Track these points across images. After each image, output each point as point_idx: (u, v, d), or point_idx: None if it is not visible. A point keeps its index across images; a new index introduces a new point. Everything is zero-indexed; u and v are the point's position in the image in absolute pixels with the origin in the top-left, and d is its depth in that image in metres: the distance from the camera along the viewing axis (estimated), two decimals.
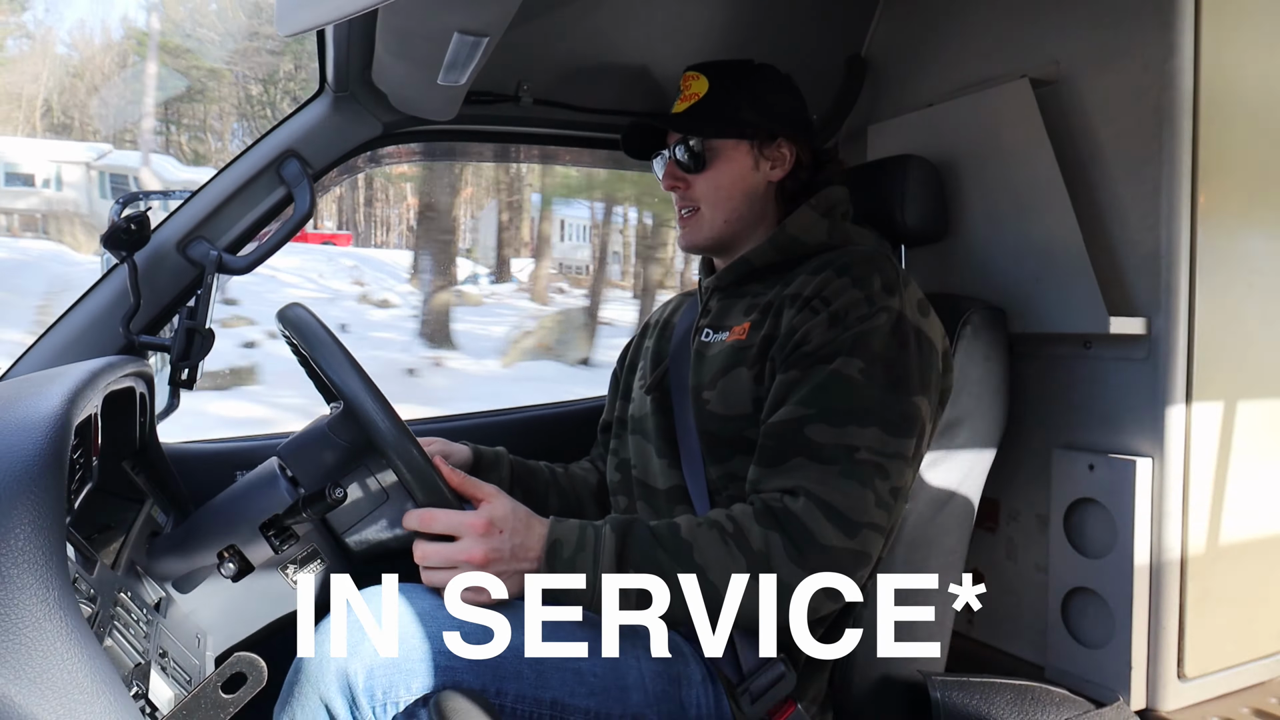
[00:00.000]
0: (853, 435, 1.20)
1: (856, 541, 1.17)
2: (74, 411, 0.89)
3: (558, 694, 1.14)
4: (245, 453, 1.80)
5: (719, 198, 1.48)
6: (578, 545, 1.16)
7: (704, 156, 1.47)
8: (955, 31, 1.83)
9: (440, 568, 1.14)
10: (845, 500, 1.17)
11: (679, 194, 1.51)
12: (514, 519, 1.17)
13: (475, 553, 1.12)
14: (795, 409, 1.24)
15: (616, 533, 1.18)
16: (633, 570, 1.15)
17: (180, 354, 1.52)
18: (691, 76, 1.50)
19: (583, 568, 1.14)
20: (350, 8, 0.91)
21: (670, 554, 1.16)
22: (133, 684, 0.89)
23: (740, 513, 1.20)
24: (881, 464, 1.20)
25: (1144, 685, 1.43)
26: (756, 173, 1.49)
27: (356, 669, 1.06)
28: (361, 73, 1.61)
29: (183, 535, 1.23)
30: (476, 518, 1.14)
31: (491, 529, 1.14)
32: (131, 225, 1.43)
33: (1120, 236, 1.48)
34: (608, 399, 1.78)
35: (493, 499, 1.18)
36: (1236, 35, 1.45)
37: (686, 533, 1.18)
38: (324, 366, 1.14)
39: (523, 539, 1.16)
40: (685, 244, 1.54)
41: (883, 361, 1.24)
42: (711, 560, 1.16)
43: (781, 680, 1.27)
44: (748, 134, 1.47)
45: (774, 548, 1.16)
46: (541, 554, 1.16)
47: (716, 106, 1.47)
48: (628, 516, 1.23)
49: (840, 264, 1.33)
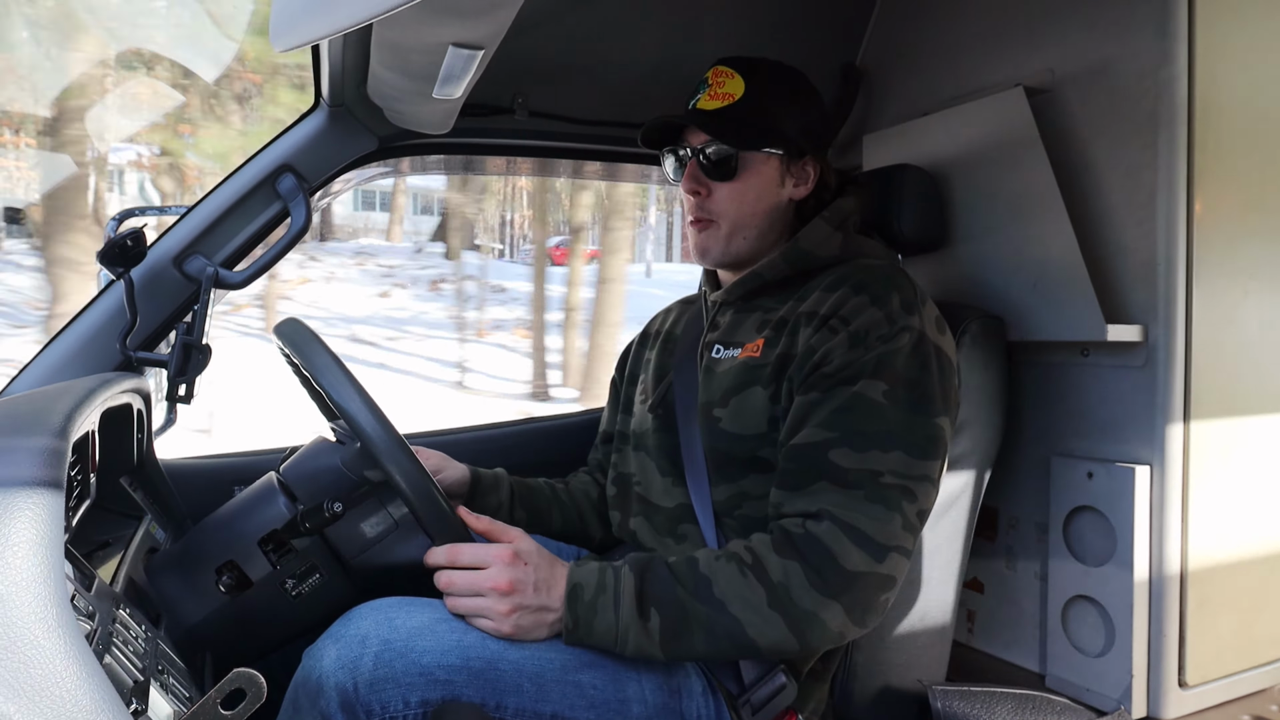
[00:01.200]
0: (876, 460, 1.19)
1: (884, 566, 1.16)
2: (71, 428, 0.89)
3: (558, 708, 1.13)
4: (243, 468, 1.80)
5: (741, 213, 1.42)
6: (598, 588, 1.16)
7: (734, 165, 1.40)
8: (950, 40, 1.83)
9: (465, 595, 1.14)
10: (871, 525, 1.16)
11: (696, 200, 1.42)
12: (539, 556, 1.18)
13: (501, 580, 1.12)
14: (817, 431, 1.23)
15: (635, 572, 1.17)
16: (654, 608, 1.15)
17: (177, 370, 1.52)
18: (725, 73, 1.41)
19: (605, 610, 1.15)
20: (345, 22, 0.91)
21: (690, 591, 1.16)
22: (131, 701, 0.89)
23: (759, 543, 1.20)
24: (908, 487, 1.19)
25: (1144, 693, 1.43)
26: (781, 189, 1.43)
27: (355, 683, 1.05)
28: (357, 87, 1.61)
29: (181, 551, 1.23)
30: (503, 549, 1.15)
31: (517, 560, 1.15)
32: (128, 241, 1.42)
33: (1117, 244, 1.48)
34: (607, 408, 1.77)
35: (516, 537, 1.20)
36: (1231, 43, 1.45)
37: (705, 567, 1.18)
38: (329, 391, 1.13)
39: (547, 576, 1.16)
40: (700, 256, 1.46)
41: (905, 383, 1.23)
42: (732, 595, 1.15)
43: (782, 692, 1.26)
44: (783, 149, 1.41)
45: (793, 578, 1.15)
46: (563, 596, 1.16)
47: (754, 113, 1.39)
48: (646, 555, 1.22)
49: (856, 281, 1.31)
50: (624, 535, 1.54)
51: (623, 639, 1.14)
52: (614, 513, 1.58)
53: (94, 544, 1.23)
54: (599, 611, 1.14)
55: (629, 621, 1.14)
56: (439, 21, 1.11)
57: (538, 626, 1.15)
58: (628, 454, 1.57)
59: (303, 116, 1.71)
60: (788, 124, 1.42)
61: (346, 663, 1.06)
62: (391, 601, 1.15)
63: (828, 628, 1.15)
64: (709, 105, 1.41)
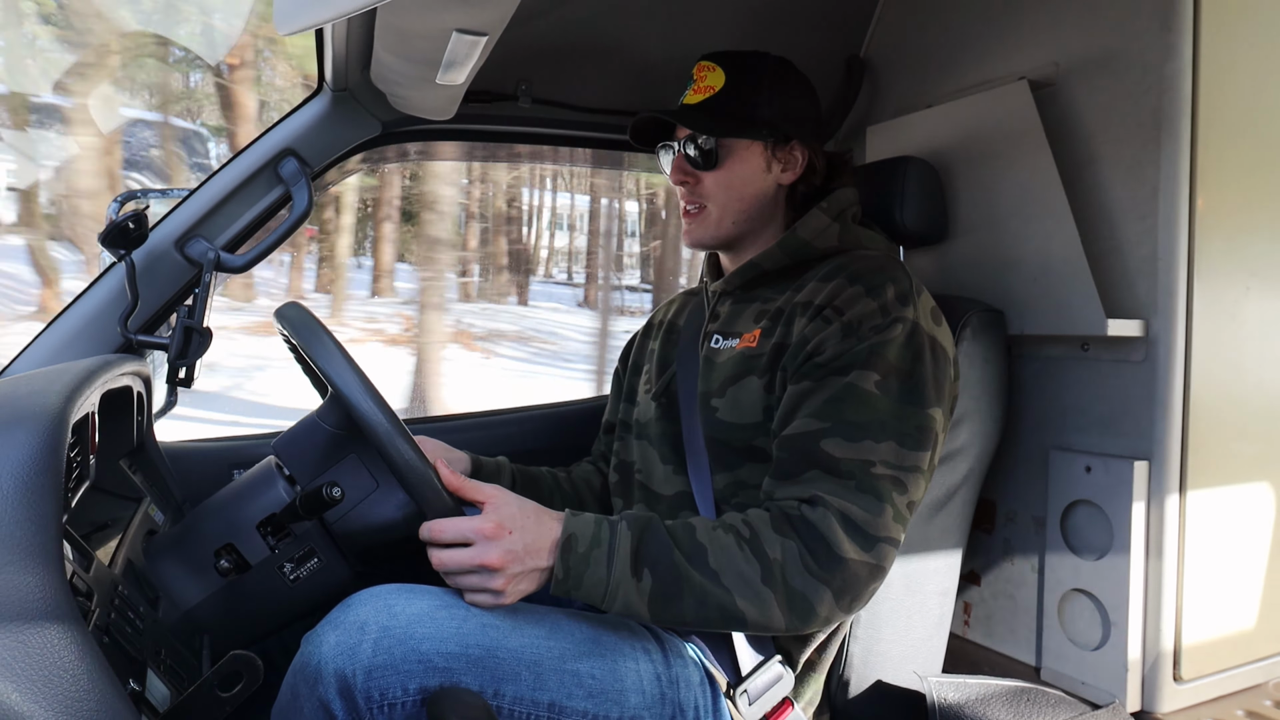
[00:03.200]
0: (868, 450, 1.19)
1: (873, 555, 1.16)
2: (71, 410, 0.89)
3: (555, 696, 1.14)
4: (242, 451, 1.80)
5: (728, 197, 1.45)
6: (593, 540, 1.15)
7: (715, 154, 1.44)
8: (954, 33, 1.83)
9: (461, 573, 1.13)
10: (863, 514, 1.16)
11: (686, 189, 1.47)
12: (522, 516, 1.15)
13: (490, 557, 1.11)
14: (809, 422, 1.23)
15: (634, 530, 1.17)
16: (648, 569, 1.15)
17: (178, 352, 1.52)
18: (707, 67, 1.46)
19: (597, 563, 1.14)
20: (348, 7, 0.91)
21: (686, 555, 1.16)
22: (129, 683, 0.89)
23: (756, 518, 1.20)
24: (898, 478, 1.20)
25: (1139, 687, 1.44)
26: (768, 175, 1.46)
27: (354, 669, 1.05)
28: (360, 72, 1.61)
29: (180, 534, 1.23)
30: (484, 522, 1.12)
31: (501, 530, 1.12)
32: (130, 223, 1.42)
33: (1118, 239, 1.48)
34: (610, 399, 1.78)
35: (495, 500, 1.16)
36: (1235, 38, 1.45)
37: (702, 535, 1.18)
38: (315, 358, 1.13)
39: (534, 535, 1.14)
40: (690, 241, 1.50)
41: (898, 374, 1.23)
42: (726, 566, 1.15)
43: (779, 682, 1.27)
44: (762, 135, 1.44)
45: (789, 556, 1.15)
46: (555, 547, 1.14)
47: (733, 103, 1.44)
48: (645, 514, 1.21)
49: (852, 271, 1.31)
50: None
51: (611, 595, 1.13)
52: (615, 500, 1.58)
53: (93, 525, 1.23)
54: (591, 564, 1.14)
55: (621, 578, 1.13)
56: (443, 7, 1.11)
57: (531, 585, 1.15)
58: (630, 442, 1.57)
59: (306, 100, 1.70)
60: (768, 111, 1.44)
61: (345, 649, 1.06)
62: (391, 588, 1.15)
63: (815, 611, 1.15)
64: (693, 100, 1.46)
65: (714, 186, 1.45)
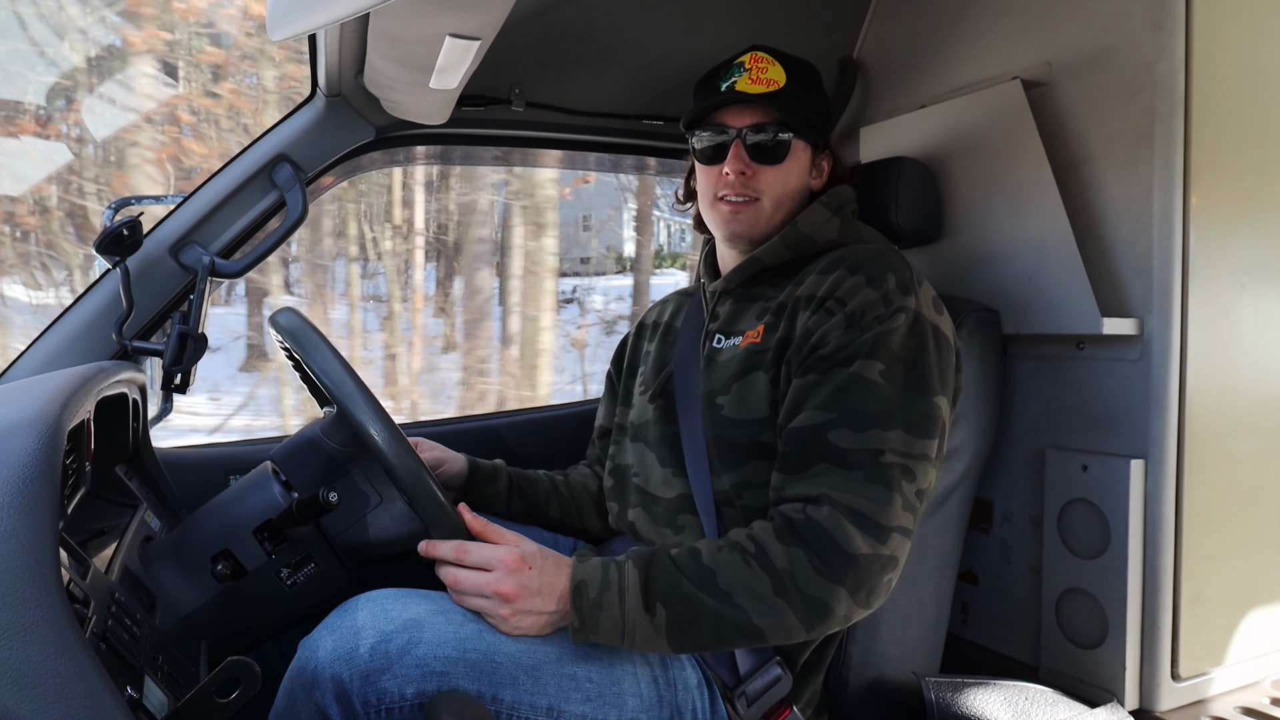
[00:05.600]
0: (876, 439, 1.19)
1: (886, 547, 1.16)
2: (67, 417, 0.89)
3: (553, 700, 1.14)
4: (238, 457, 1.80)
5: (783, 194, 1.44)
6: (602, 584, 1.15)
7: (784, 148, 1.42)
8: (947, 33, 1.83)
9: (473, 595, 1.14)
10: (872, 505, 1.16)
11: (740, 179, 1.42)
12: (542, 558, 1.16)
13: (506, 586, 1.12)
14: (816, 414, 1.23)
15: (639, 567, 1.17)
16: (659, 602, 1.14)
17: (173, 359, 1.51)
18: (765, 60, 1.43)
19: (610, 606, 1.14)
20: (341, 12, 0.91)
21: (694, 583, 1.16)
22: (126, 690, 0.89)
23: (761, 531, 1.19)
24: (907, 465, 1.20)
25: (1137, 685, 1.44)
26: (807, 178, 1.48)
27: (351, 674, 1.05)
28: (353, 77, 1.61)
29: (176, 540, 1.23)
30: (509, 553, 1.14)
31: (522, 565, 1.14)
32: (124, 230, 1.42)
33: (1113, 237, 1.48)
34: (603, 402, 1.77)
35: (519, 538, 1.18)
36: (1228, 37, 1.45)
37: (708, 558, 1.17)
38: (319, 373, 1.13)
39: (551, 578, 1.15)
40: (738, 229, 1.44)
41: (902, 362, 1.23)
42: (736, 584, 1.15)
43: (778, 683, 1.27)
44: (814, 140, 1.46)
45: (798, 564, 1.15)
46: (567, 594, 1.15)
47: (795, 102, 1.42)
48: (648, 549, 1.21)
49: (852, 262, 1.32)
50: (622, 526, 1.54)
51: (629, 634, 1.14)
52: (611, 504, 1.58)
53: (89, 532, 1.22)
54: (604, 608, 1.14)
55: (635, 617, 1.13)
56: (436, 12, 1.11)
57: (536, 627, 1.15)
58: (625, 445, 1.57)
59: (299, 106, 1.70)
60: (815, 116, 1.46)
61: (342, 654, 1.06)
62: (388, 593, 1.15)
63: (834, 612, 1.15)
64: (754, 89, 1.41)
65: (773, 181, 1.43)
